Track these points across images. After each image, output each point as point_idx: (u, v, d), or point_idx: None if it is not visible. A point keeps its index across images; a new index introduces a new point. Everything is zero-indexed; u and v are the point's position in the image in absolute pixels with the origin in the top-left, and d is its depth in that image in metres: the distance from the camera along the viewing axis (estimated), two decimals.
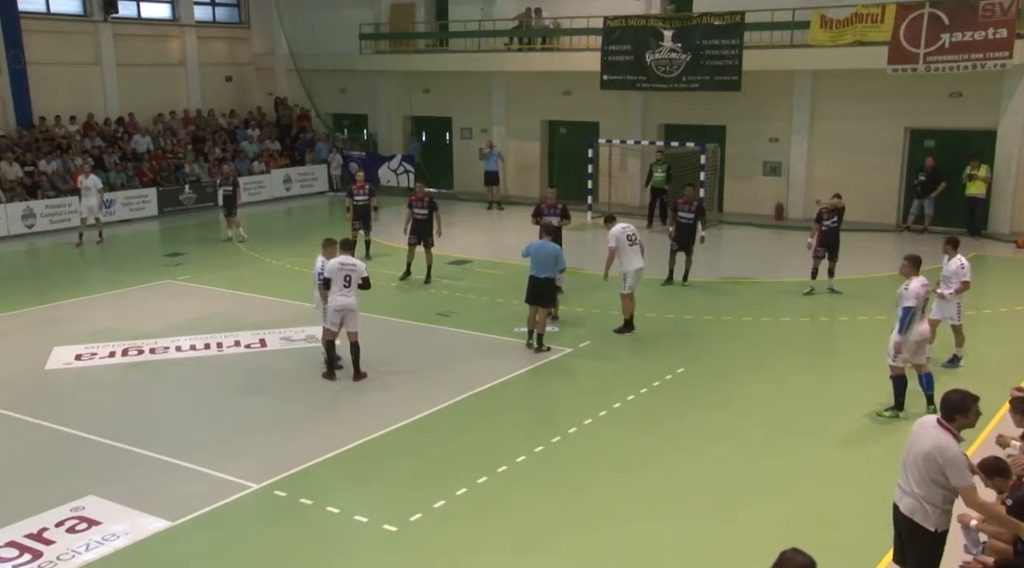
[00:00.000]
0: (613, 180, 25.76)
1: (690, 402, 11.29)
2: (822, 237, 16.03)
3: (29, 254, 21.45)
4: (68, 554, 7.71)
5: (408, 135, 30.95)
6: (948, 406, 6.31)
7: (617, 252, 13.73)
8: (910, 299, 10.34)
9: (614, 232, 13.81)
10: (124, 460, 9.63)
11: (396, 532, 8.10)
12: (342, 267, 11.75)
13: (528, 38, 27.53)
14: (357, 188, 19.08)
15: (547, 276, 13.00)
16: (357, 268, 11.79)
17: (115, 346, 13.50)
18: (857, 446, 9.97)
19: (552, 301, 13.41)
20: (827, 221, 16.03)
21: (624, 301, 13.99)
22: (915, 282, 10.45)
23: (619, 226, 13.94)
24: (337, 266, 11.76)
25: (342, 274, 11.72)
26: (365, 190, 19.01)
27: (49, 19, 26.65)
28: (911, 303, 10.33)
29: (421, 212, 17.07)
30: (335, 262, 11.81)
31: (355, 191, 19.02)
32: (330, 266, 11.80)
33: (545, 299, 13.09)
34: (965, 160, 21.51)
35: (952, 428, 6.24)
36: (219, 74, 31.26)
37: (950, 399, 6.35)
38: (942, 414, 6.33)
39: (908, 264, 10.64)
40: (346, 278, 11.71)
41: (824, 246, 16.07)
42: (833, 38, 22.13)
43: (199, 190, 26.47)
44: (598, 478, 9.24)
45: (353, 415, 10.94)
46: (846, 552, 7.68)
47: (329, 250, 12.08)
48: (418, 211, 17.09)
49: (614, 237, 13.76)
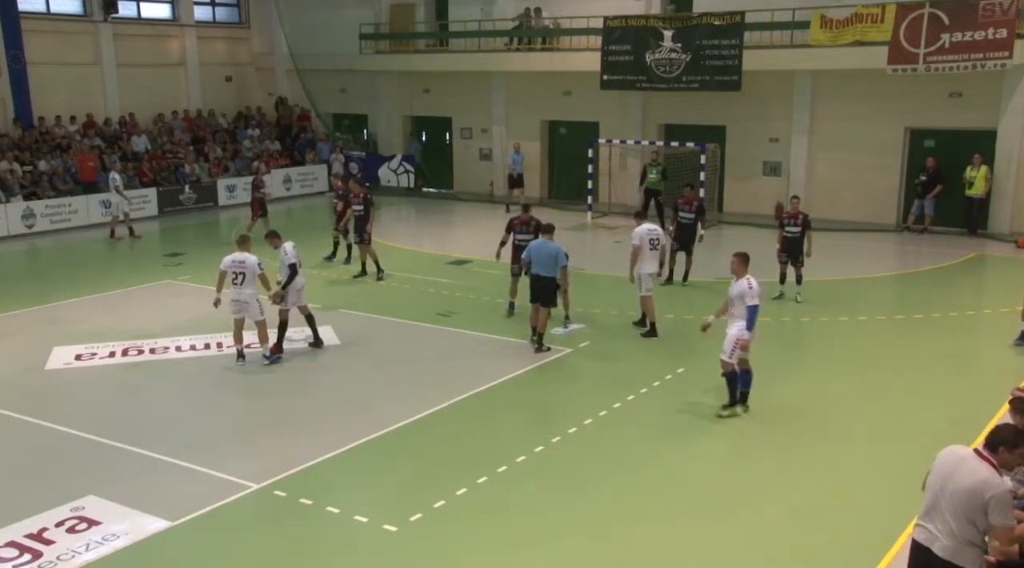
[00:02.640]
0: (613, 180, 25.78)
1: (690, 402, 11.29)
2: (784, 243, 15.61)
3: (29, 254, 21.45)
4: (68, 554, 7.71)
5: (408, 135, 30.95)
6: (994, 434, 5.70)
7: (639, 251, 13.68)
8: (755, 298, 10.30)
9: (639, 231, 13.75)
10: (124, 460, 9.63)
11: (396, 532, 8.10)
12: (234, 263, 12.64)
13: (528, 38, 27.54)
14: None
15: (549, 275, 13.00)
16: (247, 264, 12.57)
17: (115, 346, 13.50)
18: (857, 446, 9.96)
19: (554, 300, 13.42)
20: (788, 227, 15.52)
21: (646, 303, 13.85)
22: (753, 280, 10.39)
23: (645, 226, 13.87)
24: (230, 262, 12.66)
25: (233, 271, 12.61)
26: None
27: (49, 19, 26.67)
28: (757, 301, 10.31)
29: (359, 208, 17.53)
30: (228, 259, 12.71)
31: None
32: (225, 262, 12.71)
33: (547, 298, 13.09)
34: (965, 160, 21.51)
35: (994, 461, 5.61)
36: (219, 74, 31.27)
37: (997, 429, 5.75)
38: (987, 444, 5.70)
39: (738, 261, 10.61)
40: (237, 275, 12.57)
41: (785, 252, 15.58)
42: (833, 38, 22.13)
43: (199, 190, 26.49)
44: (598, 478, 9.24)
45: (353, 415, 10.94)
46: (846, 552, 7.69)
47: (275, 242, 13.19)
48: (356, 208, 17.58)
49: (638, 236, 13.70)
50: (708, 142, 23.06)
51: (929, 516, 5.70)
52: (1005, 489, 5.50)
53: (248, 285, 12.50)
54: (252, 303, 12.56)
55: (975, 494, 5.43)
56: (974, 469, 5.52)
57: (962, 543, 5.54)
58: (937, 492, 5.65)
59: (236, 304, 12.57)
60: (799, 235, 15.43)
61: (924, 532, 5.73)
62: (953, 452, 5.75)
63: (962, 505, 5.49)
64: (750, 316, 10.30)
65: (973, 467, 5.53)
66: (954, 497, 5.53)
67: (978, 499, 5.43)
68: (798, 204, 16.00)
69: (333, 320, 14.77)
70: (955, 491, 5.53)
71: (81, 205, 23.56)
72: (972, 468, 5.53)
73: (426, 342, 13.87)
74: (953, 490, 5.54)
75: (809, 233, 15.46)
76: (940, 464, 5.73)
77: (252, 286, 12.54)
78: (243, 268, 12.48)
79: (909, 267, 19.40)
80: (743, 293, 10.33)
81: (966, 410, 10.64)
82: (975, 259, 19.45)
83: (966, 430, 9.90)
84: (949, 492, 5.57)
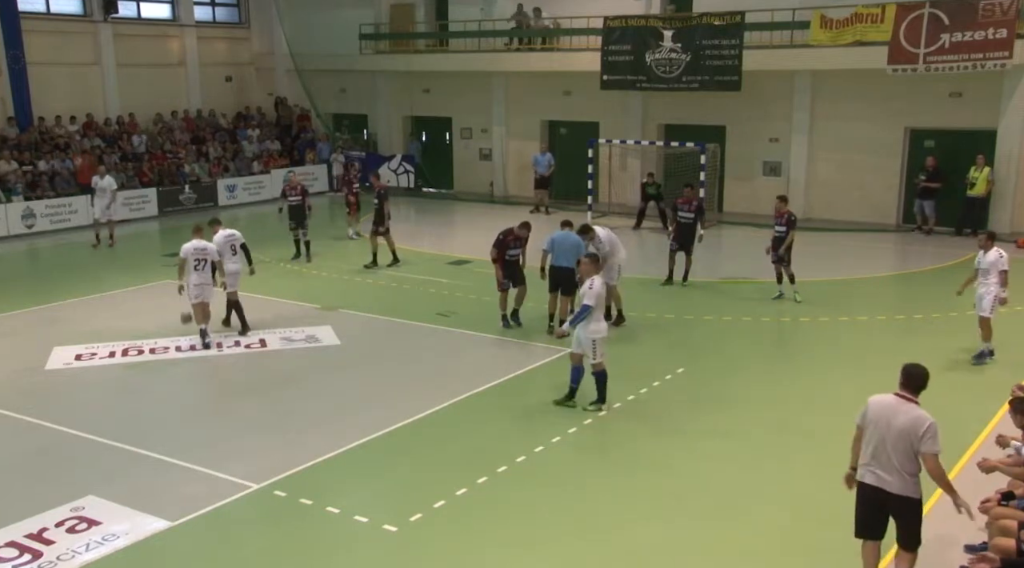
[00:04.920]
0: (613, 180, 25.78)
1: (690, 402, 11.29)
2: (773, 243, 15.74)
3: (29, 254, 21.46)
4: (68, 554, 7.71)
5: (408, 135, 30.95)
6: (916, 379, 6.58)
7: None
8: (591, 299, 10.45)
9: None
10: (124, 460, 9.63)
11: (396, 532, 8.10)
12: (228, 238, 14.07)
13: (528, 38, 27.54)
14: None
15: (569, 265, 13.26)
16: (236, 236, 14.23)
17: (115, 346, 13.51)
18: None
19: (574, 290, 13.53)
20: (776, 227, 15.69)
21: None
22: (597, 281, 10.54)
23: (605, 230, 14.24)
24: (223, 239, 13.97)
25: (228, 244, 14.07)
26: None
27: (49, 19, 26.65)
28: (590, 303, 10.44)
29: (295, 199, 19.13)
30: (220, 236, 14.01)
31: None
32: (218, 239, 13.94)
33: (568, 287, 13.37)
34: (965, 160, 21.50)
35: (916, 400, 6.56)
36: (219, 74, 31.25)
37: (918, 374, 6.59)
38: (909, 387, 6.57)
39: (589, 263, 10.89)
40: (232, 248, 14.11)
41: (775, 251, 15.67)
42: (833, 38, 22.13)
43: (199, 190, 26.48)
44: (598, 478, 9.25)
45: (353, 415, 10.94)
46: (846, 552, 7.69)
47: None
48: (292, 198, 19.17)
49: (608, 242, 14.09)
50: (708, 142, 23.04)
51: (876, 460, 6.59)
52: (934, 422, 6.45)
53: (209, 271, 13.34)
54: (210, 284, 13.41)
55: (914, 429, 6.41)
56: (907, 410, 6.50)
57: (908, 476, 6.49)
58: (881, 436, 6.54)
59: (197, 288, 13.28)
60: (785, 234, 15.56)
61: (873, 475, 6.62)
62: (880, 402, 6.67)
63: (904, 441, 6.44)
64: (579, 313, 10.57)
65: (906, 409, 6.51)
66: (899, 436, 6.46)
67: (914, 435, 6.40)
68: (784, 205, 15.97)
69: (333, 320, 14.78)
70: (899, 431, 6.46)
71: (81, 205, 23.52)
72: (906, 410, 6.51)
73: (426, 342, 13.87)
74: (898, 431, 6.47)
75: (792, 232, 15.58)
76: (874, 414, 6.63)
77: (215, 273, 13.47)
78: (205, 255, 13.32)
79: (909, 267, 19.41)
80: (584, 292, 10.60)
81: (966, 410, 10.63)
82: (974, 259, 19.40)
83: (967, 430, 9.92)
84: (893, 434, 6.48)
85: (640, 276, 17.18)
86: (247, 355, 13.23)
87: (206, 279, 13.31)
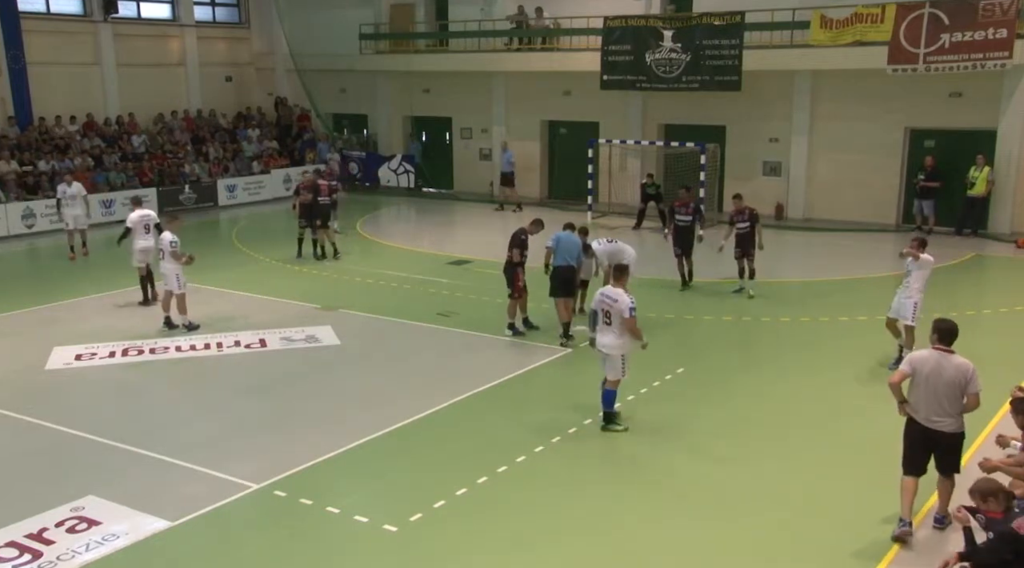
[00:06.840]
0: (613, 180, 25.78)
1: (690, 402, 11.29)
2: (736, 239, 16.08)
3: (29, 254, 21.46)
4: (68, 554, 7.70)
5: (408, 135, 30.95)
6: (950, 333, 7.67)
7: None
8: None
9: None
10: (124, 460, 9.63)
11: (396, 532, 8.10)
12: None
13: (528, 38, 27.54)
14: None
15: (569, 264, 13.34)
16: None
17: (115, 346, 13.50)
18: (858, 445, 9.95)
19: (573, 291, 13.71)
20: (739, 224, 16.01)
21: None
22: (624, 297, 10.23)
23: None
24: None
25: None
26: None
27: (49, 19, 26.66)
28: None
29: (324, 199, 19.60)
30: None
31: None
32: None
33: (567, 289, 13.43)
34: (965, 160, 21.52)
35: (953, 350, 7.63)
36: (219, 74, 31.26)
37: (950, 328, 7.67)
38: (946, 341, 7.64)
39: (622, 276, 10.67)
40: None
41: (739, 247, 16.05)
42: (833, 38, 22.14)
43: (199, 190, 26.48)
44: (598, 478, 9.25)
45: (353, 415, 10.93)
46: (847, 553, 7.69)
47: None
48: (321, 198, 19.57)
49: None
50: (708, 142, 23.04)
51: (930, 407, 7.59)
52: (974, 366, 7.54)
53: (168, 260, 14.07)
54: (171, 277, 14.11)
55: (961, 375, 7.50)
56: (950, 360, 7.57)
57: (957, 417, 7.61)
58: (933, 388, 7.55)
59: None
60: (748, 230, 15.92)
61: (927, 421, 7.62)
62: (923, 358, 7.68)
63: (954, 387, 7.51)
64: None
65: (948, 360, 7.57)
66: (949, 385, 7.51)
67: (963, 377, 7.49)
68: (741, 202, 16.26)
69: (333, 320, 14.77)
70: (948, 381, 7.51)
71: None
72: (948, 361, 7.57)
73: (426, 342, 13.87)
74: (947, 381, 7.51)
75: (758, 227, 15.97)
76: (922, 370, 7.60)
77: (171, 260, 14.06)
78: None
79: None
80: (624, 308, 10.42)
81: None
82: (975, 259, 19.46)
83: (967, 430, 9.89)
84: (944, 383, 7.51)
85: (640, 276, 17.11)
86: (247, 355, 13.22)
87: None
